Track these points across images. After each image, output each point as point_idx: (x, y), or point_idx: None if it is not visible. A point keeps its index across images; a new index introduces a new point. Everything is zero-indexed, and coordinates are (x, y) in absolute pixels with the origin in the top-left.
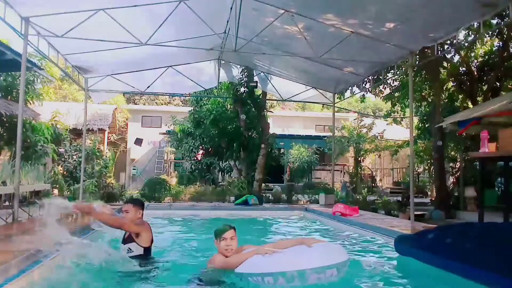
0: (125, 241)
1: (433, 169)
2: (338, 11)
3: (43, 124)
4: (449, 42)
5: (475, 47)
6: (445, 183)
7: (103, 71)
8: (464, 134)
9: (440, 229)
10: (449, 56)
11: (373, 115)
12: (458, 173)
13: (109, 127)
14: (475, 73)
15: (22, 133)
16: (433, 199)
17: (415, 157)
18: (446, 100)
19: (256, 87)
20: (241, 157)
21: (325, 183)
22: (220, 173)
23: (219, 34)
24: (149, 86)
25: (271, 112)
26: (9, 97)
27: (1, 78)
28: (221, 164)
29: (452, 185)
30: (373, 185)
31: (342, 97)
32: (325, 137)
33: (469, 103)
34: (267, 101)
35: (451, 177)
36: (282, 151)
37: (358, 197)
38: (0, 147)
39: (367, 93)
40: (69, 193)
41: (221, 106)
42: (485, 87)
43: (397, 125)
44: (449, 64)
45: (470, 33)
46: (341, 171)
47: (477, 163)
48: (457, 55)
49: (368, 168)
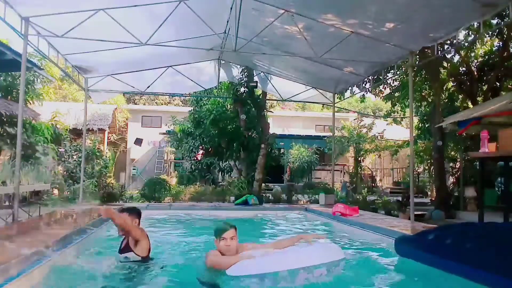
0: (122, 250)
1: (433, 169)
2: (338, 11)
3: (43, 124)
4: (449, 42)
5: (475, 47)
6: (445, 183)
7: (103, 71)
8: (464, 134)
9: (440, 229)
10: (449, 56)
11: (373, 115)
12: (458, 173)
13: (109, 127)
14: (475, 73)
15: (22, 133)
16: (433, 199)
17: (415, 157)
18: (446, 100)
19: (256, 87)
20: (241, 157)
21: (325, 183)
22: (220, 173)
23: (219, 34)
24: (149, 86)
25: (271, 112)
26: (9, 97)
27: (1, 78)
28: (221, 164)
29: (452, 185)
30: (373, 185)
31: (342, 97)
32: (325, 137)
33: (469, 103)
34: (267, 101)
35: (451, 177)
36: (282, 151)
37: (358, 197)
38: (0, 147)
39: (367, 93)
40: (69, 193)
41: (221, 106)
42: (485, 87)
43: (397, 125)
44: (449, 64)
45: (470, 33)
46: (341, 171)
47: (477, 163)
48: (457, 55)
49: (368, 168)
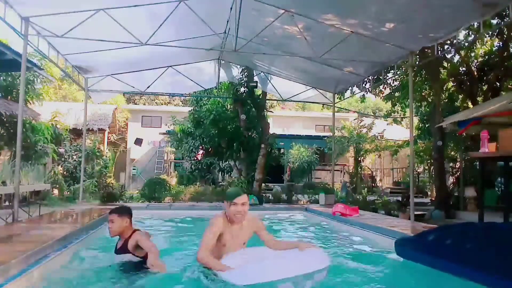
0: (118, 251)
1: (433, 169)
2: (338, 11)
3: (43, 124)
4: (449, 42)
5: (475, 47)
6: (445, 183)
7: (103, 71)
8: (464, 134)
9: (440, 230)
10: (449, 56)
11: (373, 115)
12: (458, 173)
13: (109, 127)
14: (475, 73)
15: (22, 133)
16: (433, 199)
17: (415, 157)
18: (446, 100)
19: (256, 87)
20: (241, 157)
21: (325, 183)
22: (220, 173)
23: (219, 34)
24: (149, 86)
25: (271, 112)
26: (9, 97)
27: (1, 78)
28: (221, 164)
29: (452, 185)
30: (373, 185)
31: (342, 97)
32: (325, 137)
33: (469, 103)
34: (267, 101)
35: (451, 177)
36: (282, 151)
37: (358, 197)
38: (0, 147)
39: (367, 93)
40: (69, 193)
41: (221, 106)
42: (485, 87)
43: (397, 125)
44: (449, 64)
45: (470, 33)
46: (341, 171)
47: (477, 163)
48: (457, 55)
49: (368, 168)
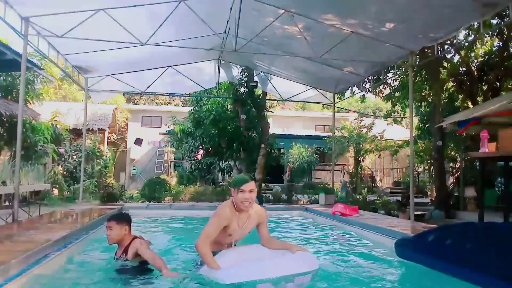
0: (118, 260)
1: (433, 169)
2: (338, 11)
3: (43, 124)
4: (449, 42)
5: (475, 47)
6: (445, 183)
7: (103, 71)
8: (464, 134)
9: (440, 230)
10: (449, 56)
11: (373, 115)
12: (458, 173)
13: (109, 127)
14: (475, 73)
15: (22, 133)
16: (433, 199)
17: (415, 157)
18: (446, 100)
19: (256, 87)
20: (241, 157)
21: (325, 183)
22: (220, 173)
23: (219, 34)
24: (149, 86)
25: (271, 112)
26: (9, 97)
27: (1, 78)
28: (221, 164)
29: (452, 185)
30: (373, 185)
31: (342, 97)
32: (325, 137)
33: (469, 103)
34: (267, 101)
35: (451, 177)
36: (282, 151)
37: (358, 197)
38: (0, 147)
39: (367, 93)
40: (69, 193)
41: (221, 106)
42: (485, 87)
43: (397, 125)
44: (449, 64)
45: (470, 33)
46: (341, 171)
47: (477, 163)
48: (457, 55)
49: (368, 168)
